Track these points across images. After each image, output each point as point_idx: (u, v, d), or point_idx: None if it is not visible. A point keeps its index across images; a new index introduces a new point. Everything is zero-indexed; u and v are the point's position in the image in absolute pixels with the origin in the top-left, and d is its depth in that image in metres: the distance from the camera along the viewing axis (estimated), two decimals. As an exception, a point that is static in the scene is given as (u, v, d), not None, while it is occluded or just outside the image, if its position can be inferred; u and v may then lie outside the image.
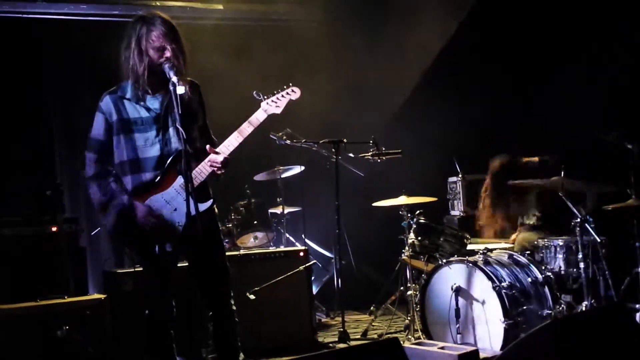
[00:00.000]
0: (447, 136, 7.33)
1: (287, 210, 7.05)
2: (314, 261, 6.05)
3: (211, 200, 3.97)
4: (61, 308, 4.68)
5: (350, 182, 6.80)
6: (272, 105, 4.07)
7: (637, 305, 5.02)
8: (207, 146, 3.92)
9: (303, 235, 7.11)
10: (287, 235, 7.03)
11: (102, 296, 4.87)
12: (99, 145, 3.96)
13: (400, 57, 7.71)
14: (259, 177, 7.09)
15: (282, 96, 4.11)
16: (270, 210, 7.13)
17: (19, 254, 5.43)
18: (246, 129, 3.97)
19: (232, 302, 4.07)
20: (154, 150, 3.91)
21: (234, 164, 4.03)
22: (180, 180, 3.84)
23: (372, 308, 6.73)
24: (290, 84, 4.16)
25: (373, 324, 6.36)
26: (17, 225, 5.56)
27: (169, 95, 3.79)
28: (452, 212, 7.26)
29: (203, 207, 3.89)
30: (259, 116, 4.03)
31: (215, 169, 3.89)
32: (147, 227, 3.84)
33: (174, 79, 3.66)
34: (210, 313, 4.06)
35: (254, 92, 4.11)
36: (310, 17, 8.02)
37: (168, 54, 3.81)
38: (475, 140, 7.36)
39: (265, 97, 4.09)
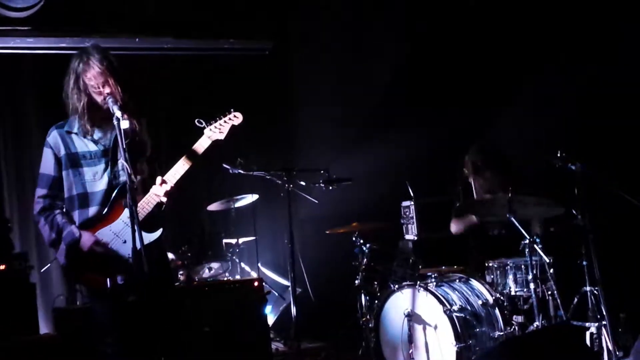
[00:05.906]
0: (399, 161, 7.38)
1: (241, 239, 7.03)
2: (269, 290, 6.03)
3: (160, 229, 3.93)
4: (11, 347, 4.58)
5: (304, 210, 6.82)
6: (215, 132, 4.05)
7: (587, 324, 5.10)
8: (159, 178, 3.89)
9: (259, 264, 7.08)
10: (243, 265, 7.00)
11: (53, 334, 4.78)
12: (48, 181, 3.90)
13: (352, 85, 7.78)
14: (212, 207, 7.06)
15: (225, 122, 4.08)
16: (224, 241, 7.10)
17: (-34, 293, 5.32)
18: (191, 156, 3.95)
19: (182, 335, 4.02)
20: (102, 184, 3.88)
21: (187, 195, 4.01)
22: (127, 212, 3.77)
23: (328, 336, 6.73)
24: (232, 110, 4.12)
25: (330, 351, 6.36)
26: (-37, 264, 5.45)
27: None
28: (407, 236, 7.27)
29: (153, 236, 3.88)
30: (203, 143, 4.01)
31: (161, 199, 3.87)
32: (94, 255, 3.76)
33: (118, 113, 3.63)
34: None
35: (196, 120, 4.09)
36: (261, 46, 8.05)
37: (107, 90, 3.80)
38: (428, 164, 7.43)
39: (208, 123, 4.07)
